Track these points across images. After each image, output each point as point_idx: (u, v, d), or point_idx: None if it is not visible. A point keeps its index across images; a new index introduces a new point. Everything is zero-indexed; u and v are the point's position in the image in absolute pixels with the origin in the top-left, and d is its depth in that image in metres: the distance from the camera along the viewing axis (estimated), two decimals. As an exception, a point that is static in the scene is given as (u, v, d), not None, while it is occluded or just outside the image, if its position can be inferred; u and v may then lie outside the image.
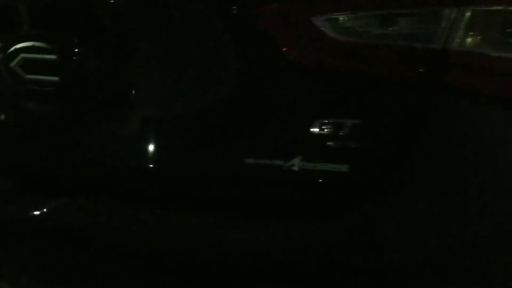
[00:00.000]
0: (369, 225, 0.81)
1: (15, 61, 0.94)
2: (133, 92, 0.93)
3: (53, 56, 0.91)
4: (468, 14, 0.77)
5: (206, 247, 0.85)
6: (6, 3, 0.97)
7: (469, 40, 0.78)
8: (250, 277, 0.84)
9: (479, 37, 0.78)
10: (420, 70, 0.78)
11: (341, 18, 0.80)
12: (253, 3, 0.81)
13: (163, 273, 0.87)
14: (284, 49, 0.81)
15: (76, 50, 0.91)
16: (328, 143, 0.80)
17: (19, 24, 0.97)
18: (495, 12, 0.77)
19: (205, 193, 0.88)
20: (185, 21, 0.86)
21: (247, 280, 0.84)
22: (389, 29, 0.80)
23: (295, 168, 0.82)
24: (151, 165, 0.91)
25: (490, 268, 0.79)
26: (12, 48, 0.93)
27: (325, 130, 0.80)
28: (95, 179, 0.96)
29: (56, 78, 0.92)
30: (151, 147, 0.92)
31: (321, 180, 0.82)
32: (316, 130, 0.80)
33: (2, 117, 1.04)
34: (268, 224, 0.85)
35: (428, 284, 0.80)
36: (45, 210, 0.98)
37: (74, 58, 0.92)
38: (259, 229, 0.85)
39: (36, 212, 0.98)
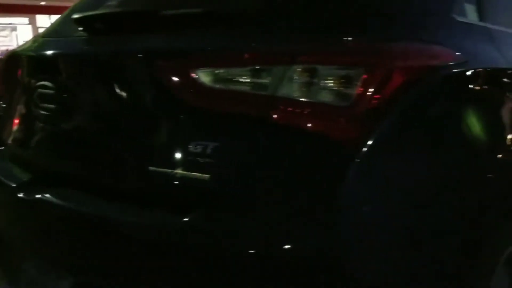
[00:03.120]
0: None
1: (36, 93, 1.44)
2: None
3: (53, 91, 1.40)
4: (290, 70, 1.06)
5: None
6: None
7: (290, 88, 1.07)
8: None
9: (297, 87, 1.07)
10: (256, 108, 1.09)
11: (209, 71, 1.14)
12: (154, 61, 1.21)
13: None
14: (174, 92, 1.18)
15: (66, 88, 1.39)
16: (199, 159, 1.13)
17: (41, 71, 1.49)
18: (309, 69, 1.06)
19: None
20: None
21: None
22: (243, 80, 1.12)
23: (178, 175, 1.16)
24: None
25: None
26: (36, 85, 1.45)
27: (197, 148, 1.14)
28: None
29: (53, 106, 1.40)
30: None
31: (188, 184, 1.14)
32: (191, 148, 1.14)
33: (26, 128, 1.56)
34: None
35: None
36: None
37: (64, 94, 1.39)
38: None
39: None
